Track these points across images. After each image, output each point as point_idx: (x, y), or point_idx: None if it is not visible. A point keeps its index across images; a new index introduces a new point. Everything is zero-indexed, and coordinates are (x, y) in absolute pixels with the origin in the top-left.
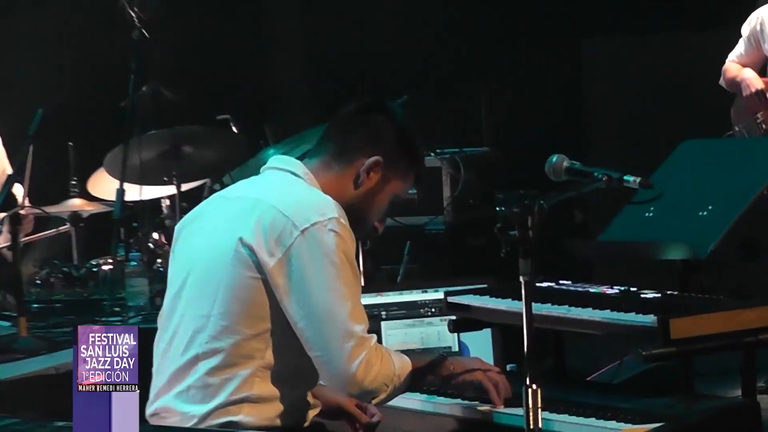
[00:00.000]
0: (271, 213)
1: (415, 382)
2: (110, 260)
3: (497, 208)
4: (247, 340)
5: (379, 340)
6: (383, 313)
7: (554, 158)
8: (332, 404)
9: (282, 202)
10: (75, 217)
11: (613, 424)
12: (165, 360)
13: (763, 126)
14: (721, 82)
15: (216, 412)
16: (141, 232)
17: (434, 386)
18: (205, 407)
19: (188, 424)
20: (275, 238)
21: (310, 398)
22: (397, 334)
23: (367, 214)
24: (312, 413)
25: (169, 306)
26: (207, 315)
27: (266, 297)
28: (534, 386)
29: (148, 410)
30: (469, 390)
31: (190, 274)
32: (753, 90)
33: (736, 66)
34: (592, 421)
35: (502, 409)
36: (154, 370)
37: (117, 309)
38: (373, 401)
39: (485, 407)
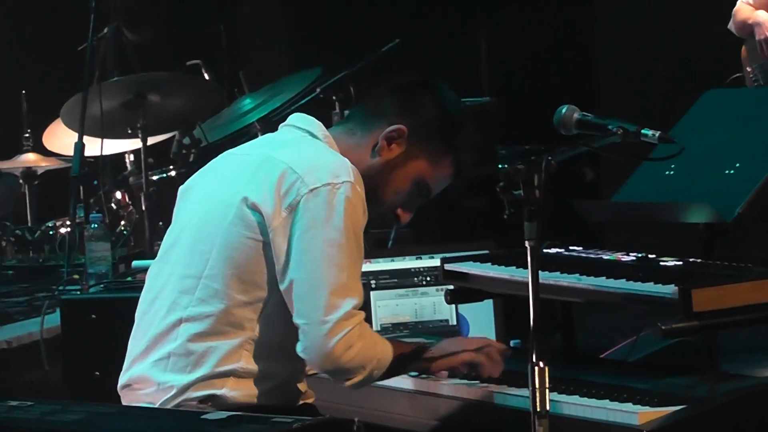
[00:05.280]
0: (280, 168)
1: (396, 370)
2: (68, 222)
3: (499, 165)
4: (238, 306)
5: (369, 312)
6: (372, 282)
7: (564, 109)
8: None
9: (294, 159)
10: (29, 173)
11: (628, 406)
12: (143, 322)
13: None
14: (730, 25)
15: (197, 384)
16: (102, 190)
17: (419, 374)
18: (185, 378)
19: (165, 396)
20: (282, 196)
21: (302, 386)
22: (388, 305)
23: (381, 190)
24: (303, 402)
25: (157, 265)
26: (197, 276)
27: (264, 262)
28: (541, 364)
29: (121, 380)
30: (461, 373)
31: (184, 231)
32: (767, 34)
33: (748, 8)
34: (606, 403)
35: (506, 390)
36: (132, 334)
37: (76, 276)
38: (347, 383)
39: (487, 386)
